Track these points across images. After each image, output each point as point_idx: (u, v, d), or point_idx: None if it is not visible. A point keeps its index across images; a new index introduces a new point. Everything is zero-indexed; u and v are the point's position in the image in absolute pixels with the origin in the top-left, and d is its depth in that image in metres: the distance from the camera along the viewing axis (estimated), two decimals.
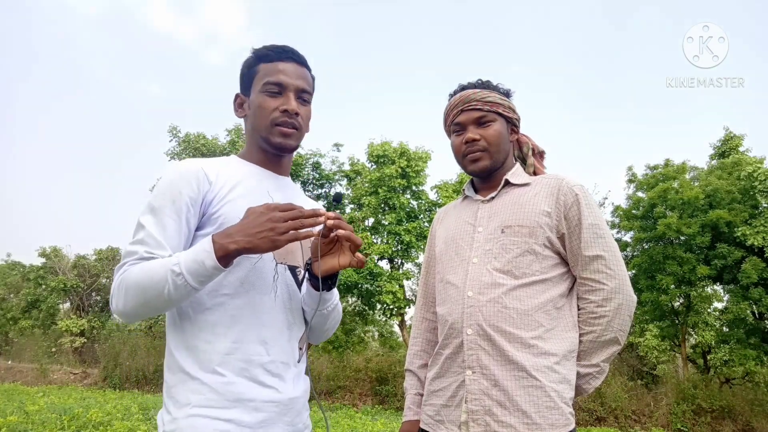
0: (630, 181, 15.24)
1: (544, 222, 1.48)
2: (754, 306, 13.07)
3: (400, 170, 15.49)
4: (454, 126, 1.61)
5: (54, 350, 21.45)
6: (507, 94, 1.63)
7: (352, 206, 16.11)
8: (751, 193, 13.08)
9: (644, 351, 15.19)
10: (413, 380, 1.67)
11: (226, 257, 1.11)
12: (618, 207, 15.14)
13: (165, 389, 1.21)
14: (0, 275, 26.57)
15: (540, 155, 1.73)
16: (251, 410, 1.18)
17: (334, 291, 1.36)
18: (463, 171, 1.67)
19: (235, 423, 1.15)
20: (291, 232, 1.12)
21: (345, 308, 16.94)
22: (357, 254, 1.24)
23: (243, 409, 1.17)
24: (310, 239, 1.31)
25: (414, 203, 16.21)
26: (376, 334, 23.52)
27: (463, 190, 1.71)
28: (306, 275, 1.34)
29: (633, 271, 14.03)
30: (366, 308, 16.40)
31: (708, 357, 14.79)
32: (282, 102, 1.32)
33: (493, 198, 1.59)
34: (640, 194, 14.63)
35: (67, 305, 23.90)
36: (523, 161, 1.68)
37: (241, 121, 1.44)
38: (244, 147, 1.42)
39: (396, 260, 16.34)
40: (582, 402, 11.74)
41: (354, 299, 16.60)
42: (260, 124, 1.33)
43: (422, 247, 15.19)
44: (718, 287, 14.61)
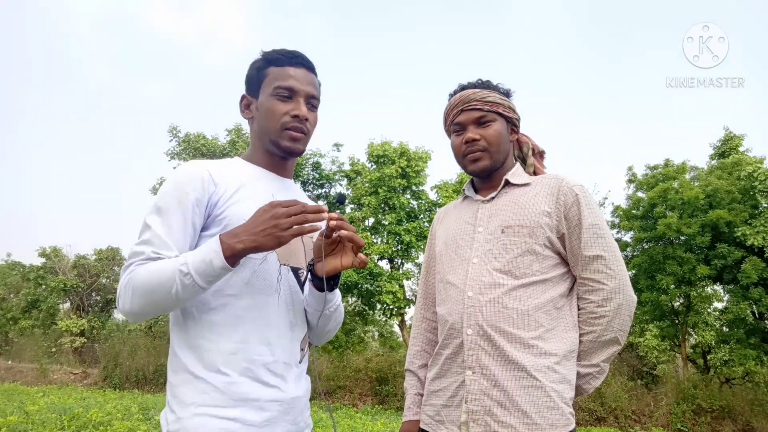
0: (630, 181, 15.23)
1: (545, 222, 1.48)
2: (754, 306, 13.07)
3: (400, 170, 15.49)
4: (454, 126, 1.61)
5: (54, 350, 21.45)
6: (507, 94, 1.63)
7: (352, 206, 16.11)
8: (751, 193, 13.08)
9: (644, 351, 15.19)
10: (413, 380, 1.67)
11: (234, 256, 1.12)
12: (618, 207, 15.13)
13: (169, 389, 1.21)
14: (0, 275, 26.57)
15: (540, 155, 1.73)
16: (256, 409, 1.19)
17: (336, 292, 1.37)
18: (463, 171, 1.67)
19: (241, 422, 1.16)
20: (295, 227, 1.12)
21: (345, 308, 16.94)
22: (359, 255, 1.24)
23: (248, 408, 1.18)
24: (313, 241, 1.32)
25: (414, 203, 16.21)
26: (376, 334, 23.52)
27: (463, 190, 1.71)
28: (308, 276, 1.35)
29: (633, 271, 14.03)
30: (366, 308, 16.40)
31: (708, 357, 14.79)
32: (292, 107, 1.33)
33: (493, 198, 1.59)
34: (640, 194, 14.62)
35: (67, 305, 23.90)
36: (523, 161, 1.68)
37: (242, 121, 1.45)
38: (249, 149, 1.42)
39: (396, 260, 16.34)
40: (582, 402, 11.74)
41: (354, 299, 16.60)
42: (270, 127, 1.34)
43: (422, 247, 15.19)
44: (718, 287, 14.61)
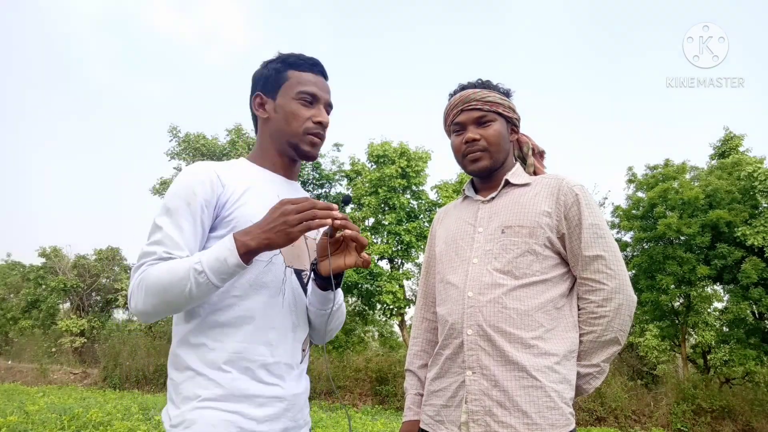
0: (630, 181, 15.23)
1: (545, 222, 1.48)
2: (754, 306, 13.07)
3: (400, 170, 15.49)
4: (454, 126, 1.61)
5: (54, 350, 21.44)
6: (507, 94, 1.63)
7: (353, 206, 16.11)
8: (751, 193, 13.08)
9: (644, 351, 15.20)
10: (413, 380, 1.67)
11: (248, 254, 1.14)
12: (618, 207, 15.14)
13: (171, 387, 1.22)
14: (0, 275, 26.57)
15: (540, 155, 1.72)
16: (258, 405, 1.21)
17: (339, 291, 1.37)
18: (463, 171, 1.67)
19: (241, 415, 1.18)
20: (304, 223, 1.13)
21: (345, 309, 16.93)
22: (363, 254, 1.25)
23: (249, 404, 1.19)
24: (316, 243, 1.33)
25: (414, 203, 16.22)
26: (376, 334, 23.53)
27: (463, 190, 1.71)
28: (312, 275, 1.36)
29: (633, 271, 14.02)
30: (366, 308, 16.41)
31: (708, 357, 14.80)
32: (314, 113, 1.36)
33: (494, 198, 1.59)
34: (640, 194, 14.62)
35: (67, 305, 23.89)
36: (523, 161, 1.68)
37: (242, 121, 1.45)
38: (255, 149, 1.42)
39: (396, 260, 16.35)
40: (582, 402, 11.74)
41: (354, 299, 16.60)
42: (291, 130, 1.35)
43: (422, 247, 15.19)
44: (718, 287, 14.61)
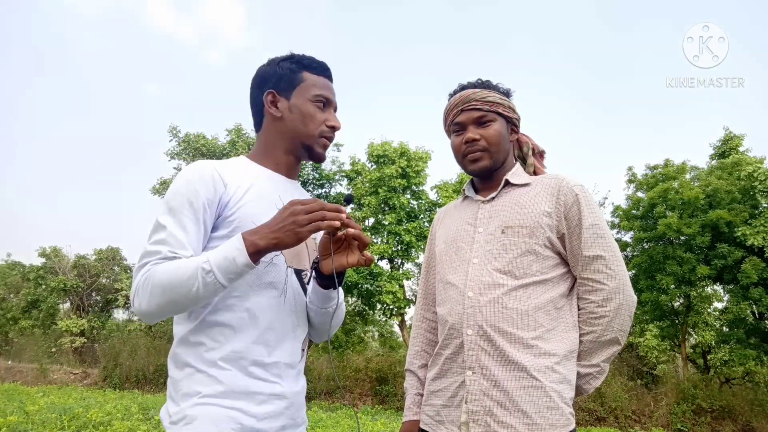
0: (630, 181, 15.24)
1: (545, 222, 1.48)
2: (754, 306, 13.07)
3: (400, 170, 15.49)
4: (454, 126, 1.61)
5: (54, 350, 21.45)
6: (507, 94, 1.63)
7: (353, 206, 16.11)
8: (751, 193, 13.09)
9: (644, 351, 15.19)
10: (413, 380, 1.67)
11: (257, 253, 1.14)
12: (618, 207, 15.14)
13: (171, 385, 1.22)
14: (0, 275, 26.57)
15: (540, 155, 1.72)
16: (258, 402, 1.21)
17: (340, 289, 1.38)
18: (463, 171, 1.67)
19: (242, 411, 1.18)
20: (313, 223, 1.14)
21: (345, 308, 16.93)
22: (365, 253, 1.25)
23: (249, 401, 1.20)
24: (316, 243, 1.33)
25: (414, 203, 16.21)
26: (376, 334, 23.53)
27: (463, 190, 1.71)
28: (313, 274, 1.36)
29: (633, 271, 14.03)
30: (366, 308, 16.40)
31: (708, 357, 14.79)
32: (328, 117, 1.38)
33: (494, 198, 1.59)
34: (640, 194, 14.63)
35: (67, 305, 23.90)
36: (523, 161, 1.68)
37: (242, 121, 1.45)
38: (258, 147, 1.41)
39: (396, 260, 16.34)
40: (582, 402, 11.74)
41: (354, 299, 16.60)
42: (308, 132, 1.36)
43: (422, 247, 15.20)
44: (718, 287, 14.62)
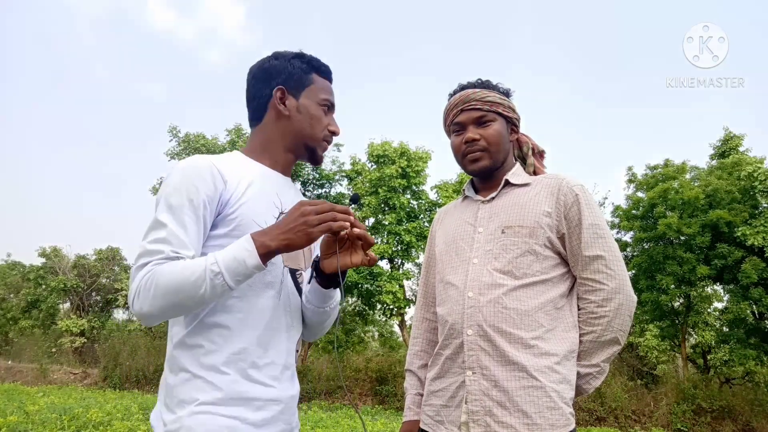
0: (630, 181, 15.24)
1: (545, 222, 1.48)
2: (754, 306, 13.08)
3: (401, 170, 15.49)
4: (454, 126, 1.61)
5: (54, 350, 21.46)
6: (507, 94, 1.63)
7: (353, 206, 16.12)
8: (751, 193, 13.09)
9: (644, 351, 15.20)
10: (413, 380, 1.67)
11: (267, 255, 1.13)
12: (618, 207, 15.14)
13: (165, 390, 1.19)
14: (0, 275, 26.58)
15: (540, 155, 1.72)
16: (256, 408, 1.19)
17: (337, 289, 1.37)
18: (463, 171, 1.67)
19: (240, 420, 1.16)
20: (324, 224, 1.14)
21: (345, 308, 16.94)
22: (369, 252, 1.24)
23: (248, 408, 1.18)
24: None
25: (414, 203, 16.22)
26: (376, 334, 23.54)
27: (463, 190, 1.71)
28: (313, 273, 1.34)
29: (633, 271, 14.03)
30: (366, 308, 16.41)
31: (708, 357, 14.80)
32: (330, 122, 1.40)
33: (494, 198, 1.58)
34: (640, 194, 14.63)
35: (67, 305, 23.91)
36: (523, 161, 1.68)
37: (242, 121, 1.44)
38: (256, 143, 1.38)
39: (396, 260, 16.35)
40: (582, 402, 11.73)
41: (354, 299, 16.60)
42: (314, 134, 1.36)
43: (422, 247, 15.20)
44: (718, 287, 14.62)
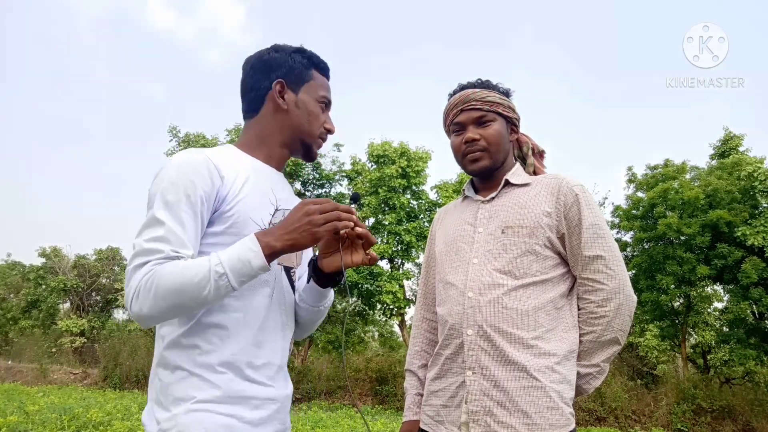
0: (630, 181, 15.24)
1: (545, 222, 1.48)
2: (754, 306, 13.07)
3: (401, 170, 15.49)
4: (454, 126, 1.61)
5: (54, 350, 21.46)
6: (507, 94, 1.63)
7: (354, 205, 16.10)
8: (751, 193, 13.09)
9: (644, 351, 15.19)
10: (413, 380, 1.67)
11: (272, 256, 1.12)
12: (618, 207, 15.14)
13: (158, 388, 1.16)
14: (0, 275, 26.58)
15: (540, 155, 1.72)
16: (253, 408, 1.18)
17: (331, 288, 1.36)
18: (463, 171, 1.67)
19: (238, 418, 1.15)
20: (330, 224, 1.13)
21: (345, 308, 16.95)
22: (370, 251, 1.24)
23: (245, 407, 1.17)
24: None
25: (414, 203, 16.21)
26: (376, 334, 23.54)
27: (463, 190, 1.71)
28: (311, 271, 1.34)
29: (633, 271, 14.03)
30: (366, 308, 16.40)
31: (708, 357, 14.80)
32: (326, 120, 1.39)
33: (493, 198, 1.59)
34: (640, 194, 14.63)
35: (67, 305, 23.91)
36: (523, 161, 1.68)
37: (242, 122, 1.43)
38: (251, 137, 1.35)
39: (396, 260, 16.34)
40: (582, 402, 11.73)
41: (354, 299, 16.59)
42: (311, 131, 1.35)
43: (422, 247, 15.19)
44: (718, 287, 14.62)
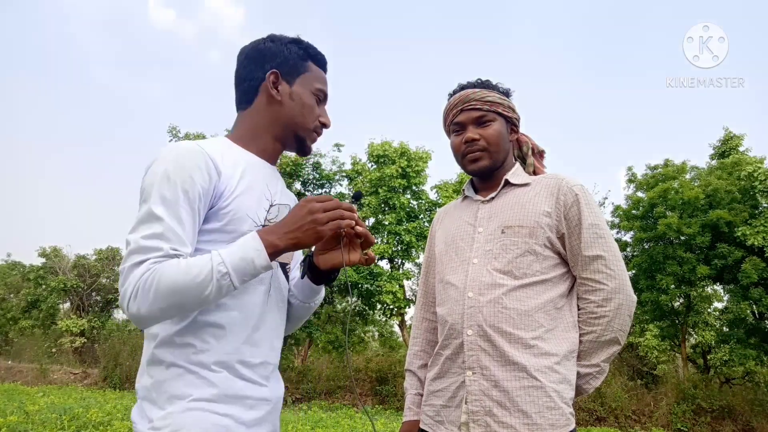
0: (630, 181, 15.24)
1: (545, 222, 1.48)
2: (754, 306, 13.08)
3: (401, 170, 15.49)
4: (454, 126, 1.61)
5: (54, 350, 21.45)
6: (507, 94, 1.63)
7: (356, 203, 16.10)
8: (751, 193, 13.09)
9: (644, 351, 15.19)
10: (413, 380, 1.67)
11: (275, 255, 1.11)
12: (618, 207, 15.15)
13: (151, 386, 1.13)
14: (0, 275, 26.58)
15: (540, 155, 1.72)
16: (248, 407, 1.17)
17: (322, 286, 1.36)
18: (463, 171, 1.67)
19: (234, 419, 1.14)
20: (333, 222, 1.12)
21: (345, 308, 16.95)
22: (368, 251, 1.23)
23: (241, 406, 1.16)
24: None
25: (414, 203, 16.21)
26: (376, 334, 23.54)
27: (463, 190, 1.71)
28: (305, 269, 1.33)
29: (633, 271, 14.03)
30: (366, 308, 16.40)
31: (708, 357, 14.80)
32: (321, 113, 1.35)
33: (493, 198, 1.58)
34: (640, 194, 14.63)
35: (67, 305, 23.91)
36: (523, 161, 1.68)
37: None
38: (245, 129, 1.32)
39: (396, 260, 16.34)
40: (582, 402, 11.74)
41: (354, 299, 16.60)
42: (305, 123, 1.32)
43: (422, 247, 15.19)
44: (718, 287, 14.63)
